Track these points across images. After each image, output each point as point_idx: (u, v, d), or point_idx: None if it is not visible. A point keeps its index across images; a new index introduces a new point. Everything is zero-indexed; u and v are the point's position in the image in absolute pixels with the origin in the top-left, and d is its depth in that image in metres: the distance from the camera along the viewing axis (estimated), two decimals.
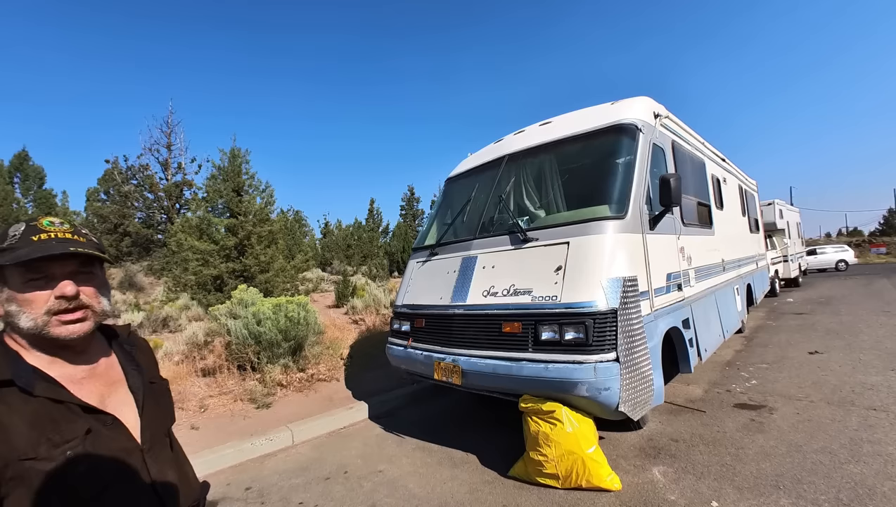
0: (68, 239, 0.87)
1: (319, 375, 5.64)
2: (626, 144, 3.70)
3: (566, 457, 2.86)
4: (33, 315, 0.82)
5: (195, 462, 4.19)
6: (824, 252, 24.06)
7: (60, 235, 0.87)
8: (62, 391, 0.82)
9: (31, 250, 0.82)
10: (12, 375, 0.79)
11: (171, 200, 16.37)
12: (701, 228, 5.03)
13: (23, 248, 0.82)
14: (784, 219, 13.68)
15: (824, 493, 2.60)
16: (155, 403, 0.99)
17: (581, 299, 2.97)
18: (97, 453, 0.81)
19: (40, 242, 0.84)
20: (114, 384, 0.93)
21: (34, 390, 0.79)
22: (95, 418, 0.84)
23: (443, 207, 5.10)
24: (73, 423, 0.80)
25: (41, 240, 0.84)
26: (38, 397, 0.79)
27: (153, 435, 0.93)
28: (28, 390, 0.78)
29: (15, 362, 0.81)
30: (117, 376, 0.95)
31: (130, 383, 0.96)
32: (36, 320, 0.82)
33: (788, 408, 3.97)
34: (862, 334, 6.67)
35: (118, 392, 0.92)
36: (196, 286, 8.77)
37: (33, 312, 0.82)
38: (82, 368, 0.89)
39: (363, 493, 3.10)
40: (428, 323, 3.94)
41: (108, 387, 0.91)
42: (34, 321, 0.82)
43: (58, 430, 0.78)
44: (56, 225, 0.89)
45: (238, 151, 9.51)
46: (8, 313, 0.83)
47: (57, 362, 0.86)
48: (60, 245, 0.85)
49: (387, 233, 24.07)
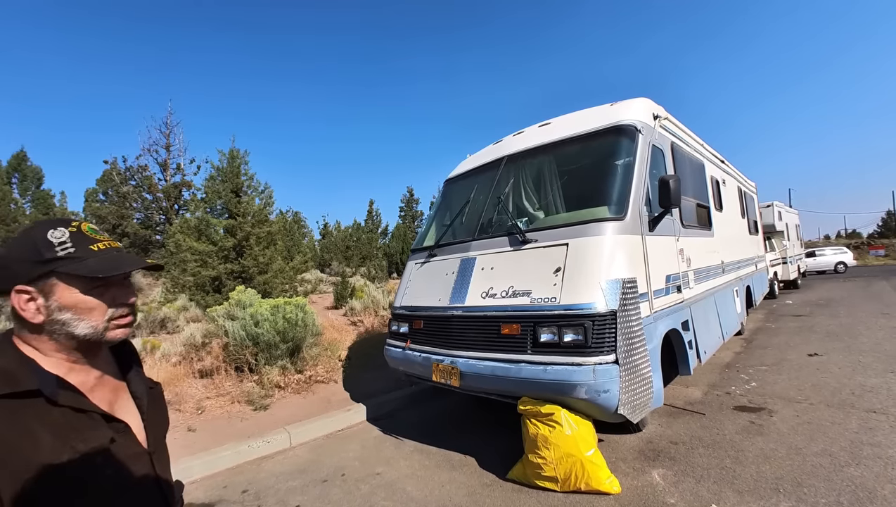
0: (121, 249, 0.90)
1: (317, 376, 5.62)
2: (626, 145, 3.69)
3: (565, 460, 2.84)
4: (94, 322, 0.84)
5: (192, 464, 4.14)
6: (823, 254, 24.12)
7: (112, 244, 0.89)
8: (84, 400, 0.82)
9: (109, 263, 0.84)
10: (38, 384, 0.78)
11: (169, 201, 16.34)
12: (700, 229, 5.02)
13: (88, 258, 0.83)
14: (783, 221, 13.69)
15: (824, 496, 2.59)
16: (154, 407, 0.99)
17: (580, 300, 2.96)
18: (117, 459, 0.82)
19: (104, 252, 0.86)
20: (118, 390, 0.93)
21: (59, 399, 0.78)
22: (112, 426, 0.85)
23: (442, 208, 5.09)
24: (96, 431, 0.81)
25: (103, 250, 0.86)
26: (61, 407, 0.78)
27: (156, 439, 0.95)
28: (53, 399, 0.78)
29: (36, 370, 0.80)
30: (120, 382, 0.96)
31: (133, 388, 0.96)
32: (97, 327, 0.84)
33: (788, 410, 3.95)
34: (861, 337, 6.66)
35: (122, 398, 0.93)
36: (194, 287, 8.74)
37: (95, 319, 0.84)
38: (95, 374, 0.89)
39: (361, 496, 3.08)
40: (426, 325, 3.92)
41: (114, 393, 0.92)
42: (94, 328, 0.83)
43: (81, 438, 0.78)
44: (99, 232, 0.90)
45: (237, 152, 9.50)
46: (57, 320, 0.81)
47: (76, 368, 0.86)
48: (131, 258, 0.89)
49: (386, 234, 24.05)
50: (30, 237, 0.82)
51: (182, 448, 3.82)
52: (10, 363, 0.79)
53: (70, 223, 0.86)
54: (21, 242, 0.82)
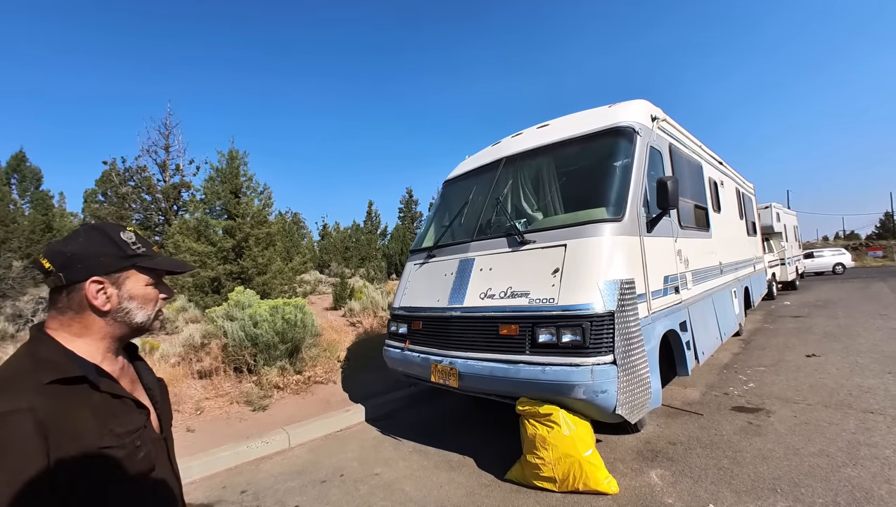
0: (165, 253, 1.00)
1: (316, 377, 5.62)
2: (624, 146, 3.71)
3: (563, 460, 2.85)
4: (149, 311, 0.97)
5: (191, 464, 4.13)
6: (821, 255, 24.16)
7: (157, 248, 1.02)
8: (119, 387, 0.90)
9: (171, 262, 1.03)
10: (83, 371, 0.83)
11: (168, 202, 16.32)
12: (698, 230, 5.03)
13: (156, 257, 0.98)
14: (781, 222, 13.71)
15: (822, 496, 2.60)
16: (163, 399, 1.07)
17: (578, 301, 2.97)
18: (147, 443, 0.90)
19: (160, 254, 1.01)
20: (134, 381, 1.01)
21: (100, 385, 0.85)
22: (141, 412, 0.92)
23: (440, 209, 5.10)
24: (131, 415, 0.89)
25: (160, 253, 1.01)
26: (101, 393, 0.85)
27: (167, 428, 1.03)
28: (96, 385, 0.84)
29: (78, 359, 0.86)
30: (134, 373, 1.03)
31: (145, 380, 1.04)
32: (150, 315, 0.97)
33: (786, 411, 3.97)
34: (859, 338, 6.68)
35: (138, 388, 1.01)
36: (193, 288, 8.74)
37: (149, 309, 0.97)
38: (120, 364, 0.97)
39: (359, 496, 3.08)
40: (425, 325, 3.93)
41: (132, 383, 0.99)
42: (148, 317, 0.97)
43: (119, 422, 0.85)
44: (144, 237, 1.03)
45: (236, 153, 9.51)
46: (123, 309, 0.92)
47: (108, 358, 0.93)
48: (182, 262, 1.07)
49: (385, 235, 24.06)
50: (107, 236, 0.92)
51: (181, 448, 3.78)
52: (53, 353, 0.84)
53: (125, 229, 0.97)
54: (96, 240, 0.91)
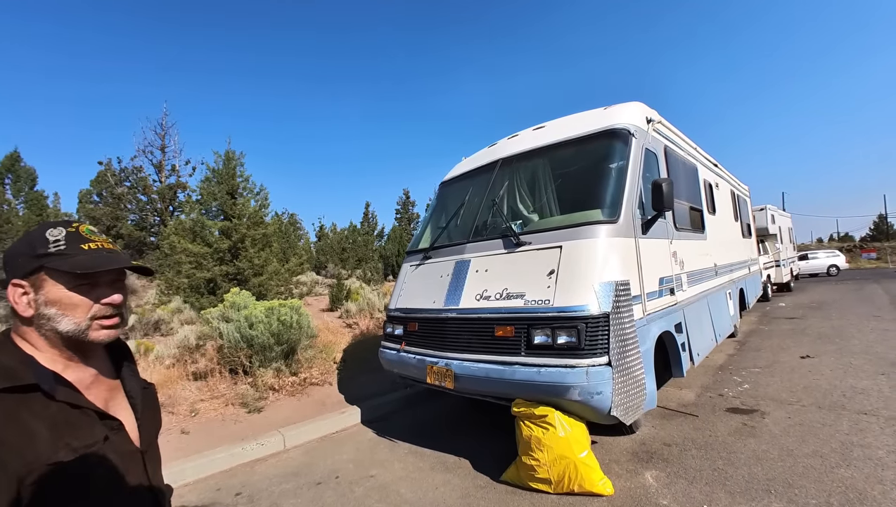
0: (114, 250, 0.92)
1: (312, 379, 5.60)
2: (619, 148, 3.72)
3: (558, 462, 2.85)
4: (77, 319, 0.85)
5: (186, 466, 4.11)
6: (816, 257, 24.32)
7: (105, 245, 0.90)
8: (80, 397, 0.84)
9: (93, 260, 0.85)
10: (36, 379, 0.79)
11: (164, 203, 16.26)
12: (693, 232, 5.06)
13: (77, 255, 0.85)
14: (776, 224, 13.79)
15: (815, 497, 2.61)
16: (148, 407, 1.01)
17: (573, 302, 2.98)
18: (111, 457, 0.84)
19: (94, 251, 0.87)
20: (113, 389, 0.95)
21: (56, 395, 0.80)
22: (106, 424, 0.86)
23: (437, 210, 5.10)
24: (91, 428, 0.82)
25: (93, 250, 0.88)
26: (58, 402, 0.80)
27: (149, 439, 0.96)
28: (51, 394, 0.79)
29: (34, 366, 0.82)
30: (114, 381, 0.97)
31: (128, 387, 0.98)
32: (79, 324, 0.85)
33: (780, 412, 3.98)
34: (853, 339, 6.72)
35: (117, 397, 0.95)
36: (189, 289, 8.71)
37: (77, 316, 0.85)
38: (91, 372, 0.91)
39: (354, 498, 3.07)
40: (421, 327, 3.92)
41: (110, 392, 0.93)
42: (77, 325, 0.85)
43: (76, 435, 0.79)
44: (96, 234, 0.92)
45: (232, 154, 9.49)
46: (43, 315, 0.83)
47: (71, 365, 0.87)
48: (118, 258, 0.90)
49: (382, 236, 24.05)
50: (29, 234, 0.87)
51: (175, 451, 3.79)
52: (8, 359, 0.81)
53: (71, 224, 0.90)
54: (22, 239, 0.87)
